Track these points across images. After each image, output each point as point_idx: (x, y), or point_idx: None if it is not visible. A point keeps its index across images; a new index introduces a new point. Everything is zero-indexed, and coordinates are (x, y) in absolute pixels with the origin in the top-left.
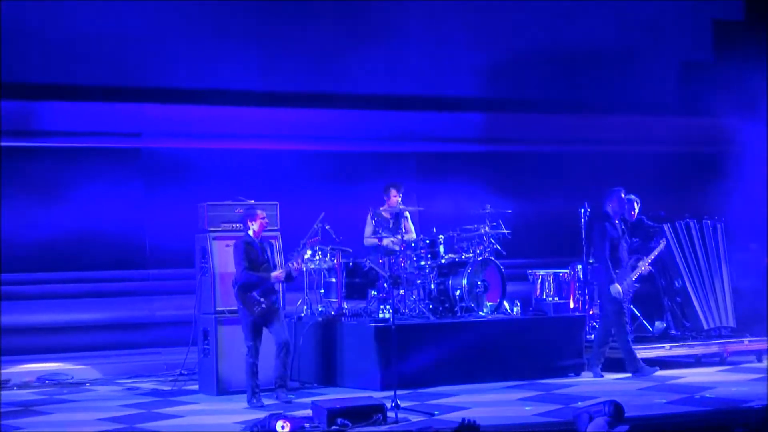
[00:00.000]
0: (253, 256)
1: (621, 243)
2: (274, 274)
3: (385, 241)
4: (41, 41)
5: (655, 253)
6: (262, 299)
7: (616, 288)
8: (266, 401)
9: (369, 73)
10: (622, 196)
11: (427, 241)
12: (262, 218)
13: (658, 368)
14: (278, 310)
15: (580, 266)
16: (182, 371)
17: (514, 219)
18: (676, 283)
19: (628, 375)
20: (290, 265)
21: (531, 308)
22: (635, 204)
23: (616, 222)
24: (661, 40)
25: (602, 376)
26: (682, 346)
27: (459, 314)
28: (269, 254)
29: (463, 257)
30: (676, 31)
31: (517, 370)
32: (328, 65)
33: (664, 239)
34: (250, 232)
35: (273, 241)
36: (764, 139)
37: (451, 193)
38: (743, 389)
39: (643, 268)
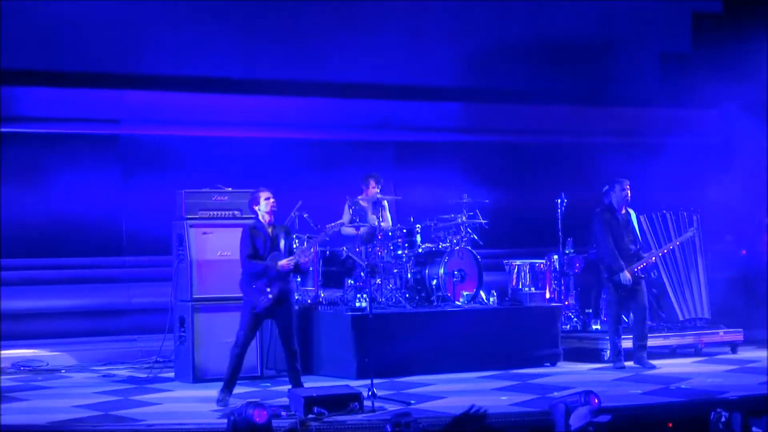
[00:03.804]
0: (259, 242)
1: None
2: (281, 263)
3: (362, 229)
4: (19, 27)
5: (676, 242)
6: (268, 290)
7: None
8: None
9: (348, 61)
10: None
11: (405, 230)
12: (267, 198)
13: (624, 366)
14: (289, 304)
15: (556, 256)
16: (158, 358)
17: (491, 209)
18: (651, 274)
19: (603, 365)
20: (299, 256)
21: (507, 298)
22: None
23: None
24: (640, 33)
25: (654, 367)
26: (658, 337)
27: (435, 303)
28: (284, 242)
29: (440, 246)
30: (655, 24)
31: (493, 359)
32: (307, 53)
33: (693, 228)
34: (260, 218)
35: (288, 228)
36: (741, 130)
37: (429, 183)
38: (718, 380)
39: (653, 258)
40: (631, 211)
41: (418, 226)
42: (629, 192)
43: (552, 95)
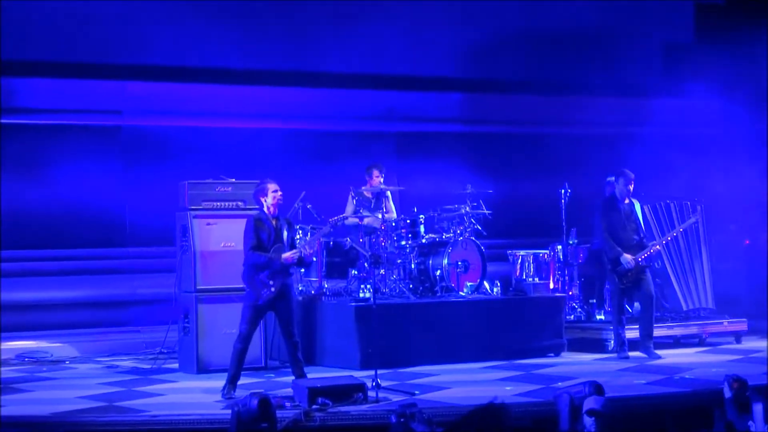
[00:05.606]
0: (264, 234)
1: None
2: (285, 255)
3: (366, 220)
4: (21, 18)
5: (679, 229)
6: (270, 282)
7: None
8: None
9: (350, 52)
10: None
11: (408, 221)
12: (275, 191)
13: (628, 356)
14: (289, 296)
15: (560, 247)
16: (162, 349)
17: (494, 199)
18: (655, 264)
19: (608, 355)
20: (303, 248)
21: (511, 288)
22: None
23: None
24: (642, 22)
25: (660, 357)
26: (662, 327)
27: (439, 294)
28: (287, 234)
29: (444, 237)
30: (658, 13)
31: (497, 350)
32: (309, 44)
33: (695, 214)
34: (265, 209)
35: (291, 221)
36: (743, 121)
37: (432, 173)
38: (722, 370)
39: (657, 247)
40: (636, 202)
41: (421, 216)
42: (633, 184)
43: (554, 85)
